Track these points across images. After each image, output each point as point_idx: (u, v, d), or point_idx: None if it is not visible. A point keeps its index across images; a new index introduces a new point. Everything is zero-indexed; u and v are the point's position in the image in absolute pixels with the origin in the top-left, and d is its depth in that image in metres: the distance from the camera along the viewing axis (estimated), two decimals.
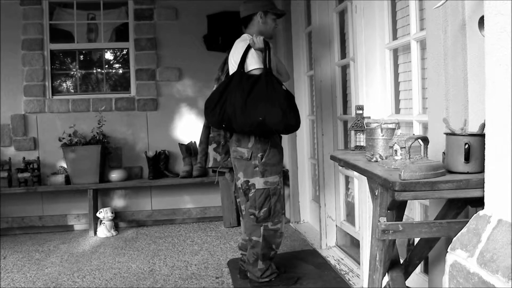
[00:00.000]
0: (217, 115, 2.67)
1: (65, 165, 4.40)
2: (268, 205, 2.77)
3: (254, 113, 2.57)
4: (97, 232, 4.29)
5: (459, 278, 1.16)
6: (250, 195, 2.79)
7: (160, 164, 4.58)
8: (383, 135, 1.83)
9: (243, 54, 2.70)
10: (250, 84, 2.62)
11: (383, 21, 2.63)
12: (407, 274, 1.85)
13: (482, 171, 1.31)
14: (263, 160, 2.75)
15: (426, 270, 2.24)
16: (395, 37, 2.61)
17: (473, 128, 1.51)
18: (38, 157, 4.44)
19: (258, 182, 2.76)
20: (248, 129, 2.65)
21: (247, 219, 2.84)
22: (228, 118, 2.65)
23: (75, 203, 4.52)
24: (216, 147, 3.06)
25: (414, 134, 1.84)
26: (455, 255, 1.19)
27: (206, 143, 3.10)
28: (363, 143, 2.21)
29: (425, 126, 2.25)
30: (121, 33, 4.75)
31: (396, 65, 2.64)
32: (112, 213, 4.31)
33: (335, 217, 3.57)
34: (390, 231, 1.48)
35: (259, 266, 2.84)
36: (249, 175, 2.78)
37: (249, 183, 2.78)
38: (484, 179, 1.19)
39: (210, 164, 3.07)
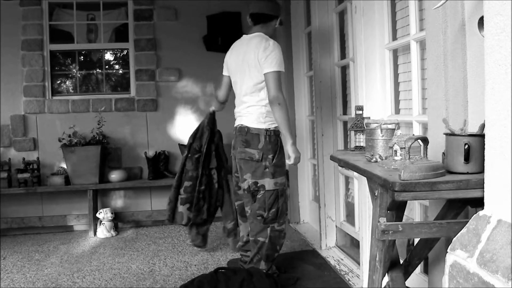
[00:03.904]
0: None
1: (64, 166, 4.40)
2: (276, 206, 2.77)
3: None
4: (97, 233, 4.28)
5: (459, 278, 1.16)
6: (259, 196, 2.76)
7: (160, 165, 4.57)
8: (383, 136, 1.83)
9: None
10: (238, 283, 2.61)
11: (383, 21, 2.63)
12: (407, 274, 1.85)
13: (482, 171, 1.31)
14: (274, 162, 2.75)
15: (426, 270, 2.24)
16: (394, 38, 2.61)
17: (473, 128, 1.51)
18: (38, 158, 4.44)
19: (269, 183, 2.75)
20: None
21: (253, 220, 2.81)
22: None
23: (74, 204, 4.51)
24: (189, 207, 3.31)
25: (414, 135, 1.84)
26: (455, 255, 1.19)
27: (174, 203, 3.37)
28: (363, 144, 2.21)
29: (425, 127, 2.25)
30: (120, 34, 4.74)
31: (396, 66, 2.64)
32: (112, 213, 4.31)
33: (335, 217, 3.57)
34: (390, 232, 1.48)
35: (261, 267, 2.83)
36: (258, 176, 2.76)
37: (258, 185, 2.76)
38: (484, 179, 1.19)
39: (184, 222, 3.33)
